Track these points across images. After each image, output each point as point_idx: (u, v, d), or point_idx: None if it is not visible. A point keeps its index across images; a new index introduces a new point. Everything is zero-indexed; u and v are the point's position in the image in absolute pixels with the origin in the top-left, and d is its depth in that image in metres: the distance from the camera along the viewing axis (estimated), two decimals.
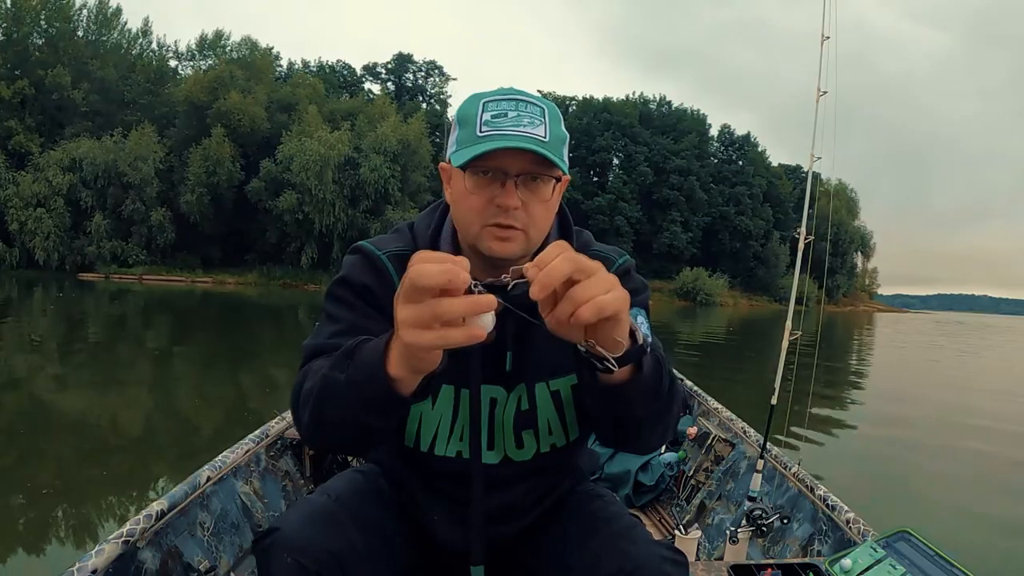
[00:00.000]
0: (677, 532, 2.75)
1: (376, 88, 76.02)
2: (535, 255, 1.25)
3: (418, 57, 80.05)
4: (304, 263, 51.61)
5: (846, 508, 2.41)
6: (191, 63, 60.86)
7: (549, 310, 0.94)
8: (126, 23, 58.59)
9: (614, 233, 70.40)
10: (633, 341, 1.03)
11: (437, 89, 79.93)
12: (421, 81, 79.90)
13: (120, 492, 4.84)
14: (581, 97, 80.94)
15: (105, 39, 56.76)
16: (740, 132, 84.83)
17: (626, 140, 76.05)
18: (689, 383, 4.41)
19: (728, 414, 3.70)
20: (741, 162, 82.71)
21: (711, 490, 3.40)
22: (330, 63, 76.30)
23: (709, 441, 3.59)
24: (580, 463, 1.53)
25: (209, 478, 2.26)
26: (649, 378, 1.10)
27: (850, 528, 2.32)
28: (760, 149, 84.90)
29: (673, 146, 76.49)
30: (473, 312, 0.87)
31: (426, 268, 0.86)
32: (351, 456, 2.95)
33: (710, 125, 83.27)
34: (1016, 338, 45.09)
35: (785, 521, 2.65)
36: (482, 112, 1.21)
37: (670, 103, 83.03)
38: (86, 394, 8.28)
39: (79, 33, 55.13)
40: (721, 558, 2.69)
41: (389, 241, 1.37)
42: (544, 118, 1.23)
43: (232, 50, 60.69)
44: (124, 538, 1.75)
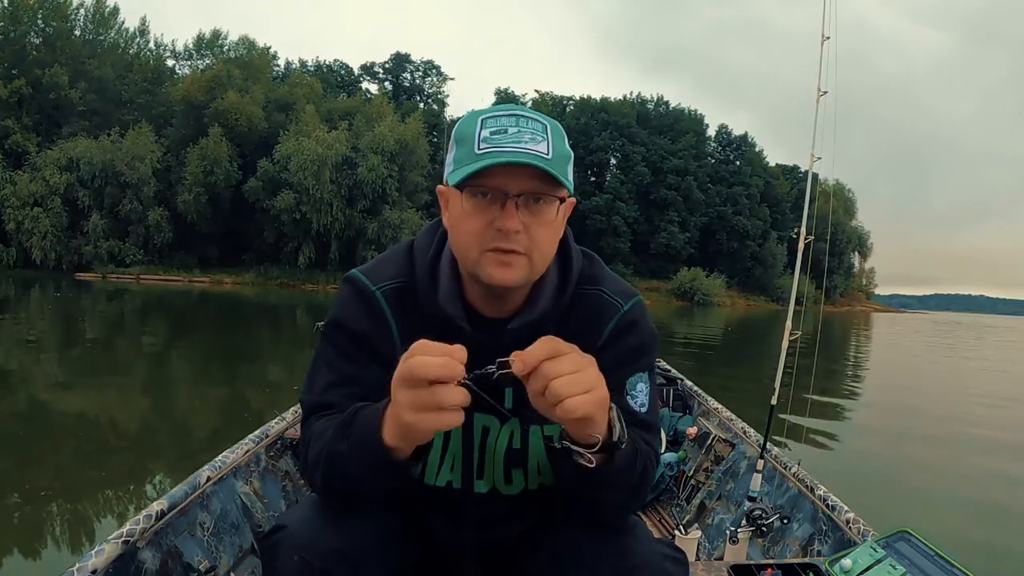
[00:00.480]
0: (677, 532, 2.75)
1: (374, 88, 76.27)
2: (531, 292, 1.26)
3: (416, 57, 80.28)
4: (301, 263, 51.63)
5: (846, 508, 2.41)
6: (188, 63, 61.01)
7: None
8: (123, 22, 58.83)
9: (611, 233, 70.50)
10: (610, 433, 1.07)
11: (435, 89, 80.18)
12: (419, 81, 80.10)
13: (119, 494, 4.82)
14: (579, 97, 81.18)
15: (102, 38, 56.78)
16: (738, 132, 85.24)
17: (623, 140, 76.14)
18: (689, 383, 4.41)
19: (728, 414, 3.70)
20: (738, 162, 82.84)
21: (711, 490, 3.40)
22: (327, 63, 76.51)
23: (709, 441, 3.59)
24: None
25: (209, 478, 2.25)
26: (619, 470, 1.12)
27: (850, 528, 2.32)
28: (757, 149, 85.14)
29: (670, 146, 76.60)
30: (466, 402, 0.98)
31: (427, 362, 0.95)
32: None
33: (707, 125, 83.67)
34: (1014, 338, 45.14)
35: (785, 521, 2.65)
36: (480, 129, 1.15)
37: (667, 103, 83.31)
38: (84, 394, 8.26)
39: (76, 32, 55.17)
40: (721, 558, 2.69)
41: (386, 269, 1.32)
42: (546, 134, 1.16)
43: (229, 50, 60.78)
44: (124, 538, 1.74)
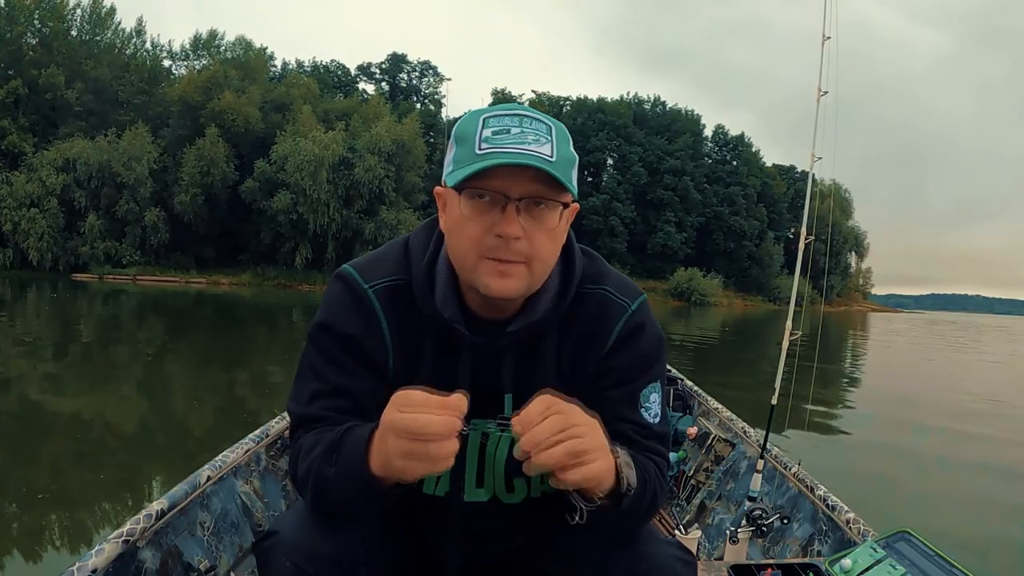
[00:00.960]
0: (677, 532, 2.75)
1: (370, 88, 76.22)
2: (535, 296, 1.23)
3: (412, 57, 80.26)
4: (298, 263, 51.55)
5: (846, 508, 2.41)
6: (185, 63, 60.86)
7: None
8: (120, 23, 58.60)
9: (608, 233, 70.52)
10: (618, 482, 1.09)
11: (431, 89, 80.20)
12: (415, 81, 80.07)
13: (117, 496, 4.81)
14: (575, 97, 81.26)
15: (99, 39, 56.64)
16: (735, 132, 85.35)
17: (620, 140, 76.20)
18: (689, 383, 4.41)
19: (728, 414, 3.70)
20: (735, 162, 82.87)
21: (711, 490, 3.40)
22: (324, 63, 76.50)
23: (709, 441, 3.59)
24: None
25: (209, 478, 2.25)
26: (627, 507, 1.12)
27: (850, 528, 2.32)
28: (754, 149, 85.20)
29: (667, 146, 76.64)
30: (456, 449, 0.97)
31: (428, 421, 0.94)
32: None
33: (704, 126, 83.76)
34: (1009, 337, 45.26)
35: (785, 521, 2.65)
36: (482, 129, 1.10)
37: (664, 103, 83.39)
38: (81, 396, 8.25)
39: (73, 33, 55.02)
40: (721, 558, 2.69)
41: (381, 266, 1.27)
42: (551, 136, 1.11)
43: (226, 50, 60.66)
44: (124, 538, 1.74)
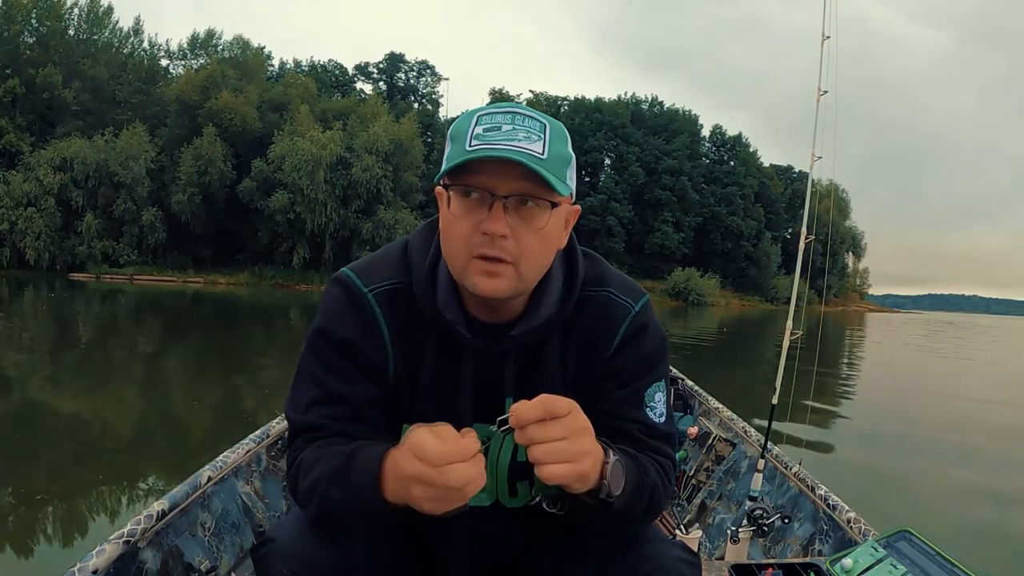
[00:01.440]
0: (678, 532, 2.75)
1: (368, 88, 76.14)
2: (533, 297, 1.22)
3: (410, 57, 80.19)
4: (296, 263, 51.48)
5: (847, 508, 2.41)
6: (182, 62, 60.66)
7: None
8: (117, 22, 58.35)
9: (606, 233, 70.60)
10: (598, 490, 1.07)
11: (429, 89, 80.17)
12: (413, 81, 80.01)
13: (116, 498, 4.80)
14: (573, 97, 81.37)
15: (96, 38, 56.49)
16: (732, 132, 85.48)
17: (618, 140, 76.29)
18: (690, 383, 4.42)
19: (729, 414, 3.71)
20: (732, 162, 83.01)
21: (712, 490, 3.41)
22: (322, 63, 76.37)
23: (710, 441, 3.60)
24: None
25: (210, 478, 2.25)
26: (619, 510, 1.11)
27: (851, 528, 2.32)
28: (752, 149, 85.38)
29: (665, 146, 76.70)
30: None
31: (464, 474, 0.94)
32: None
33: (702, 126, 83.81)
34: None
35: (786, 521, 2.65)
36: (474, 126, 1.09)
37: (662, 103, 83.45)
38: (78, 396, 8.23)
39: (70, 32, 54.88)
40: (722, 558, 2.70)
41: (380, 269, 1.25)
42: (544, 134, 1.09)
43: (224, 49, 60.54)
44: (125, 538, 1.74)
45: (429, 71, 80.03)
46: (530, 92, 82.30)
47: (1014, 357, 28.71)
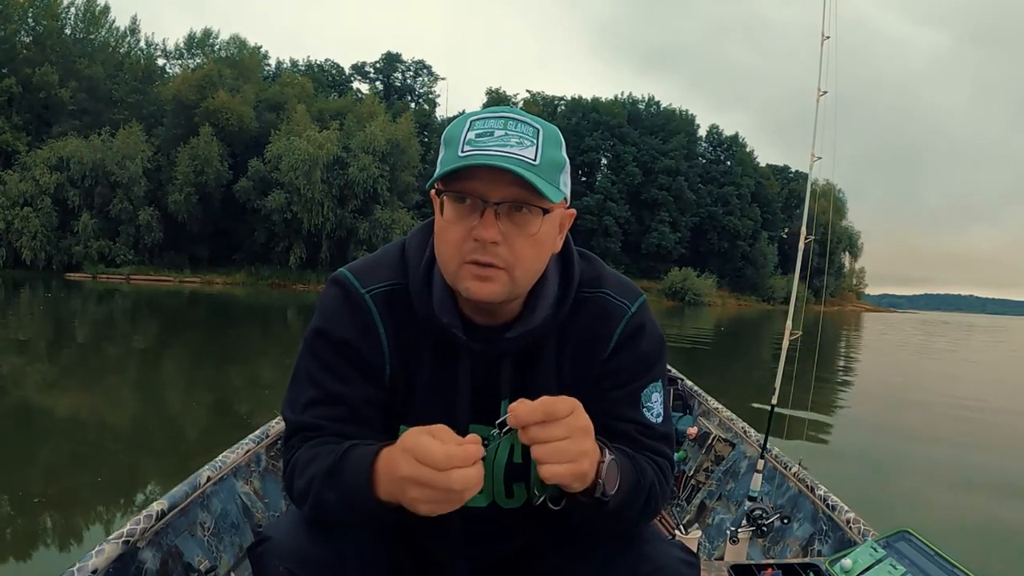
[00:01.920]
0: (677, 532, 2.75)
1: (365, 88, 76.21)
2: (529, 300, 1.22)
3: (407, 57, 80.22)
4: (292, 263, 51.48)
5: (846, 508, 2.41)
6: (179, 62, 60.74)
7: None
8: (114, 21, 58.31)
9: (602, 233, 70.68)
10: (594, 489, 1.06)
11: (426, 89, 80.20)
12: (410, 81, 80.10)
13: (116, 500, 4.78)
14: (570, 97, 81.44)
15: (93, 37, 56.42)
16: (730, 132, 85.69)
17: (614, 140, 76.38)
18: (689, 383, 4.41)
19: (728, 414, 3.71)
20: (729, 162, 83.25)
21: (711, 490, 3.41)
22: (319, 62, 76.42)
23: (709, 441, 3.60)
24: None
25: (209, 478, 2.25)
26: (616, 509, 1.11)
27: (850, 528, 2.32)
28: (748, 149, 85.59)
29: (661, 146, 76.84)
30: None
31: (468, 478, 0.92)
32: None
33: (698, 126, 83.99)
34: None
35: (785, 521, 2.65)
36: (467, 131, 1.09)
37: (659, 103, 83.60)
38: (75, 396, 8.20)
39: (67, 31, 54.81)
40: (721, 558, 2.69)
41: (378, 270, 1.25)
42: (536, 139, 1.09)
43: (220, 49, 60.53)
44: (124, 538, 1.74)
45: (426, 71, 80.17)
46: (527, 92, 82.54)
47: None
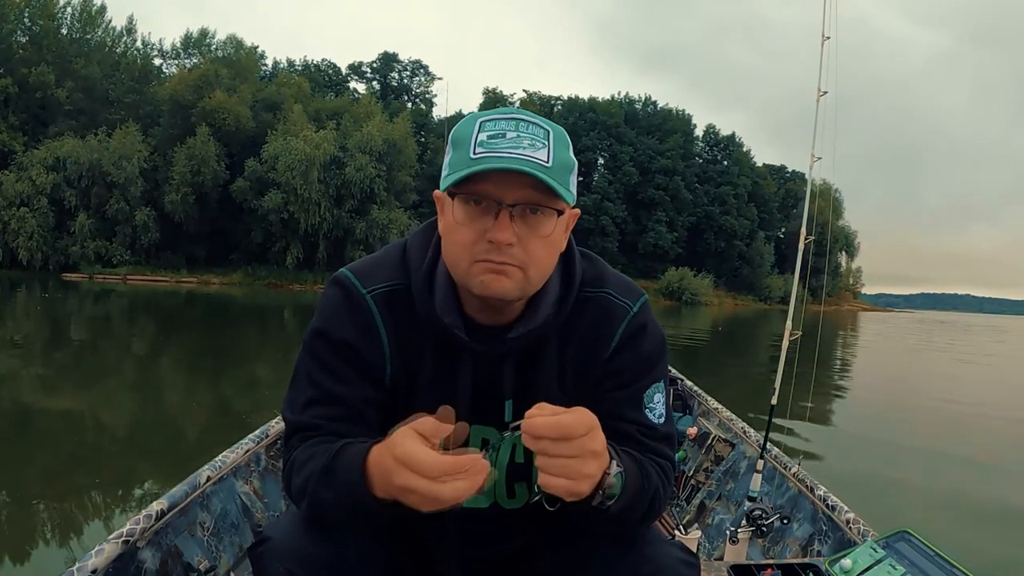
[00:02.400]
0: (677, 532, 2.75)
1: (361, 87, 76.25)
2: (531, 300, 1.21)
3: (404, 56, 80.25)
4: (289, 263, 51.41)
5: (846, 508, 2.41)
6: (176, 61, 60.43)
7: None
8: (110, 21, 58.02)
9: (599, 233, 70.69)
10: (591, 497, 1.05)
11: (422, 89, 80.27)
12: (407, 80, 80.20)
13: (115, 500, 4.77)
14: (567, 97, 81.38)
15: (89, 37, 56.23)
16: (729, 132, 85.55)
17: (611, 140, 76.38)
18: (689, 383, 4.41)
19: (728, 414, 3.71)
20: (726, 162, 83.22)
21: (711, 490, 3.41)
22: (315, 62, 76.38)
23: (709, 441, 3.60)
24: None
25: (209, 478, 2.24)
26: (618, 513, 1.10)
27: (850, 528, 2.33)
28: (745, 149, 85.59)
29: (658, 146, 76.89)
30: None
31: (459, 488, 0.92)
32: None
33: (695, 126, 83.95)
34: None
35: (785, 521, 2.65)
36: (478, 132, 1.08)
37: (655, 103, 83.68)
38: (75, 398, 8.19)
39: (63, 31, 54.60)
40: (721, 558, 2.70)
41: (379, 270, 1.25)
42: (548, 141, 1.09)
43: (217, 49, 60.33)
44: (124, 538, 1.74)
45: (423, 71, 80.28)
46: (523, 92, 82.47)
47: None
